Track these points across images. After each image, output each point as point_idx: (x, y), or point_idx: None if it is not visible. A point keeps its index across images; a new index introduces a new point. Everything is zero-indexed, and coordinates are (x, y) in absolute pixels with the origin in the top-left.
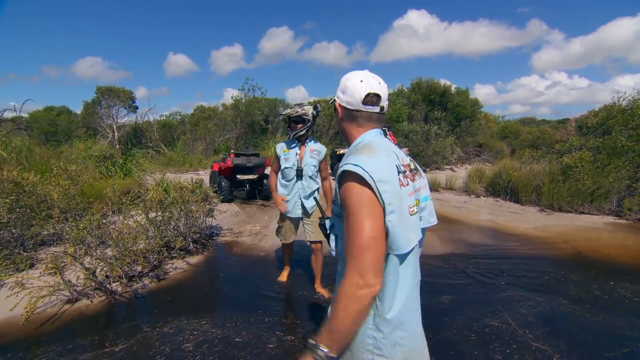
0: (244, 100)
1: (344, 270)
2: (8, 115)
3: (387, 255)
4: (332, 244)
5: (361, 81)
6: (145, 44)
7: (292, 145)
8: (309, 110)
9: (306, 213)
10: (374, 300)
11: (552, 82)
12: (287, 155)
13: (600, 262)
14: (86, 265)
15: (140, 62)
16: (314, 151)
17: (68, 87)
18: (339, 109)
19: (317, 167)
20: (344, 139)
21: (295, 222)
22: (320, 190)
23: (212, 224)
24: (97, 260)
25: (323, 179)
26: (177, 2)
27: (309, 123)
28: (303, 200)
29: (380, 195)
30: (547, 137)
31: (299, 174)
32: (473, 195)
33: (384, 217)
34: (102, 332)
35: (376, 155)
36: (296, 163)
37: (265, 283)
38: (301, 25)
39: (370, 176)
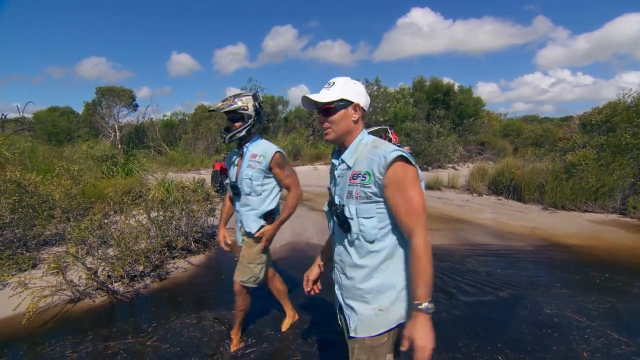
0: None
1: (413, 232)
2: (11, 116)
3: None
4: (355, 227)
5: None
6: (149, 43)
7: (234, 153)
8: (249, 102)
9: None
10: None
11: (556, 80)
12: (231, 170)
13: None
14: (88, 265)
15: (144, 62)
16: (255, 157)
17: (72, 88)
18: (360, 111)
19: (261, 181)
20: (340, 136)
21: None
22: (282, 206)
23: (213, 223)
24: (99, 260)
25: (287, 189)
26: (181, 2)
27: (251, 120)
28: (244, 223)
29: (419, 173)
30: (550, 135)
31: (235, 192)
32: (475, 194)
33: None
34: (121, 326)
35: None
36: (234, 177)
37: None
38: (305, 23)
39: (413, 160)
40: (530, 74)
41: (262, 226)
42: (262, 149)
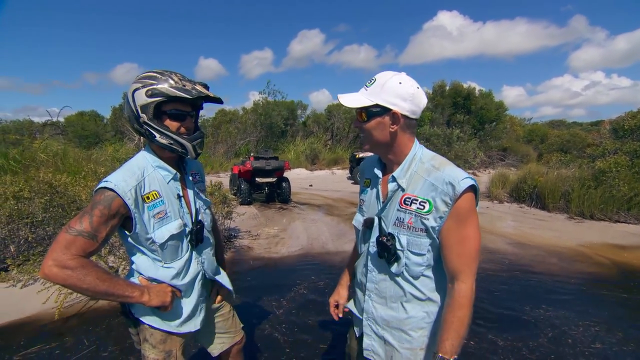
0: (261, 103)
1: (459, 276)
2: (48, 120)
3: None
4: (405, 259)
5: (418, 88)
6: (179, 49)
7: (165, 176)
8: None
9: (217, 306)
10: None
11: (590, 82)
12: (160, 208)
13: None
14: (110, 264)
15: (172, 67)
16: (196, 175)
17: (105, 92)
18: (401, 119)
19: None
20: (376, 148)
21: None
22: None
23: (230, 226)
24: (120, 259)
25: None
26: (210, 7)
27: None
28: (217, 278)
29: (477, 203)
30: (578, 140)
31: (197, 237)
32: (496, 201)
33: None
34: None
35: None
36: (187, 216)
37: (281, 283)
38: (334, 27)
39: (478, 187)
40: (560, 77)
41: None
42: (196, 165)
